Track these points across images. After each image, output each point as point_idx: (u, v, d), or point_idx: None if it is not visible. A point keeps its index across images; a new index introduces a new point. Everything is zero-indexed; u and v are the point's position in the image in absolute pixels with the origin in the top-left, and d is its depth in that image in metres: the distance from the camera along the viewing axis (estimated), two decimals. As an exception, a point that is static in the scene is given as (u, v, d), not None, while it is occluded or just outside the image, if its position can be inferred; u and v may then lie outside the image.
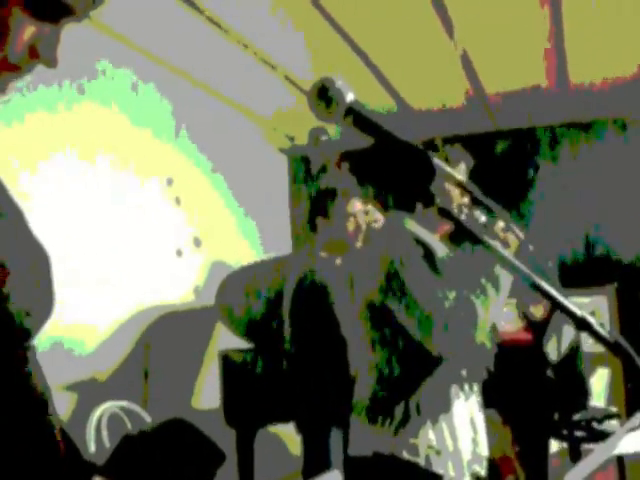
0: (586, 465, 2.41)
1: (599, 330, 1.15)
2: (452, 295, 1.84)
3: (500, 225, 2.03)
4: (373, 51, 4.10)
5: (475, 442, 1.98)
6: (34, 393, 0.86)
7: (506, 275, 1.89)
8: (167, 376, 3.92)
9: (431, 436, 1.89)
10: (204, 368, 4.33)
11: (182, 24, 3.62)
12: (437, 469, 1.87)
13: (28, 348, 0.86)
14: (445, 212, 1.13)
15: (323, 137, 2.71)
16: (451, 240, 2.09)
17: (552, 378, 3.70)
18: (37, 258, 0.89)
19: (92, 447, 3.17)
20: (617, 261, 4.95)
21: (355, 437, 2.02)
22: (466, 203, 2.07)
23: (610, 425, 3.84)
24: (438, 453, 1.88)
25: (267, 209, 5.31)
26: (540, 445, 3.73)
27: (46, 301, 0.87)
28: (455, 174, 1.15)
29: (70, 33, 0.90)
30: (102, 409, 3.31)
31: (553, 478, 3.56)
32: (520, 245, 2.05)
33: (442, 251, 2.02)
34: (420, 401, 1.90)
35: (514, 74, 4.49)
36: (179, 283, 4.27)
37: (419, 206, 2.02)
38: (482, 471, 1.99)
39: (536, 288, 1.17)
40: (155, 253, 4.07)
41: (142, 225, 3.98)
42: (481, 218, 2.05)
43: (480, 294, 1.87)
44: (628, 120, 5.01)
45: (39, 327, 0.86)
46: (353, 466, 2.01)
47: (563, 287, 2.07)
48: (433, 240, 2.02)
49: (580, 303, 4.63)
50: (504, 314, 4.01)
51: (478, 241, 1.09)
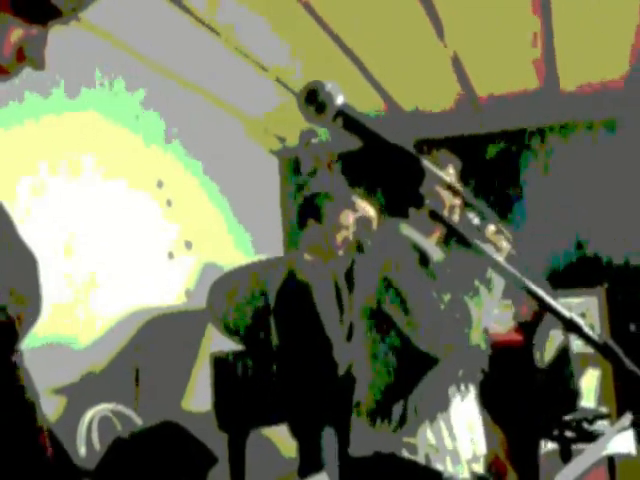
0: (577, 465, 2.42)
1: (588, 332, 1.15)
2: (447, 297, 1.86)
3: (491, 229, 2.04)
4: (364, 53, 4.11)
5: (473, 441, 1.99)
6: (22, 397, 0.85)
7: (499, 276, 1.90)
8: (158, 379, 3.90)
9: (429, 435, 1.91)
10: (195, 370, 4.32)
11: (173, 26, 3.61)
12: (436, 467, 1.89)
13: (16, 352, 0.86)
14: (436, 215, 1.13)
15: (313, 139, 2.70)
16: (444, 242, 2.10)
17: (543, 379, 3.72)
18: (25, 263, 0.88)
19: (82, 450, 3.16)
20: (608, 263, 4.97)
21: (356, 437, 2.03)
22: (458, 205, 2.09)
23: (600, 425, 3.85)
24: (437, 451, 1.90)
25: (258, 211, 5.31)
26: (531, 445, 3.74)
27: (34, 305, 0.87)
28: (445, 176, 1.15)
29: (57, 35, 0.90)
30: (93, 412, 3.29)
31: (544, 478, 3.57)
32: (511, 248, 2.06)
33: (437, 255, 2.03)
34: (418, 401, 1.92)
35: (505, 76, 4.51)
36: (170, 285, 4.26)
37: (413, 211, 2.03)
38: (481, 470, 2.01)
39: (526, 290, 1.18)
40: (146, 255, 4.06)
41: (133, 228, 3.97)
42: (474, 220, 2.06)
43: (474, 296, 1.88)
44: (617, 122, 5.03)
45: (27, 331, 0.85)
46: (354, 466, 2.02)
47: (554, 288, 2.08)
48: (428, 244, 2.04)
49: (571, 304, 4.64)
50: (497, 315, 4.03)
51: (469, 244, 1.09)
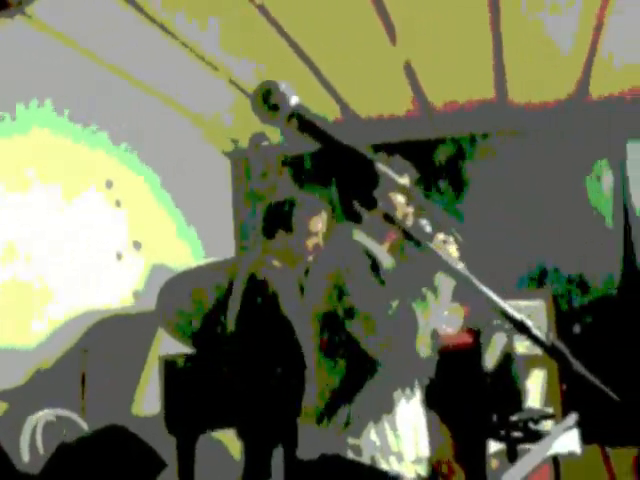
0: (523, 465, 2.47)
1: (536, 333, 1.18)
2: (395, 303, 1.87)
3: (440, 237, 2.08)
4: (318, 57, 4.11)
5: (417, 444, 2.01)
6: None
7: (447, 281, 1.93)
8: (106, 382, 3.83)
9: (374, 437, 1.92)
10: (144, 373, 4.25)
11: (123, 24, 3.55)
12: (381, 467, 1.91)
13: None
14: (389, 217, 1.14)
15: (264, 142, 2.70)
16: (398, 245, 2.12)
17: (489, 380, 3.77)
18: None
19: (26, 457, 3.07)
20: (552, 268, 5.08)
21: (302, 441, 2.04)
22: (410, 212, 2.11)
23: (546, 425, 3.93)
24: (382, 452, 1.92)
25: (209, 212, 5.26)
26: (478, 446, 3.80)
27: None
28: (399, 179, 1.16)
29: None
30: (37, 417, 3.21)
31: (491, 478, 3.63)
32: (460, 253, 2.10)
33: (388, 261, 2.05)
34: (362, 403, 1.93)
35: (457, 84, 4.58)
36: (118, 287, 4.19)
37: (366, 216, 2.04)
38: (423, 472, 2.03)
39: (477, 292, 1.20)
40: (94, 256, 3.98)
41: (81, 228, 3.88)
42: (426, 228, 2.09)
43: (421, 302, 1.91)
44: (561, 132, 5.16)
45: None
46: (300, 469, 2.02)
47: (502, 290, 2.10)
48: (380, 251, 2.05)
49: (519, 306, 4.72)
50: (447, 318, 4.08)
51: (422, 246, 1.10)
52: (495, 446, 3.95)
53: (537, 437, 3.70)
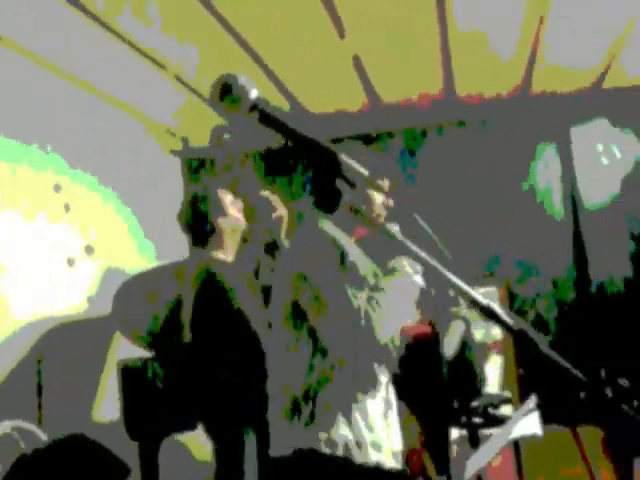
0: (485, 451, 2.50)
1: (504, 318, 1.19)
2: (360, 294, 1.88)
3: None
4: (265, 51, 4.08)
5: (389, 436, 2.01)
6: None
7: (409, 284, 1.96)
8: (63, 390, 3.74)
9: (346, 430, 1.91)
10: (102, 379, 4.17)
11: (68, 24, 3.47)
12: (357, 460, 1.90)
13: None
14: (356, 209, 1.14)
15: (226, 136, 2.67)
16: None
17: (448, 368, 3.82)
18: None
19: (-17, 471, 2.98)
20: (506, 257, 5.17)
21: (274, 437, 2.02)
22: (384, 214, 2.11)
23: (505, 410, 4.00)
24: (357, 445, 1.91)
25: (161, 214, 5.18)
26: (441, 434, 3.84)
27: None
28: (363, 171, 1.16)
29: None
30: (-8, 430, 3.12)
31: (456, 465, 3.68)
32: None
33: (355, 253, 2.04)
34: (329, 396, 1.92)
35: (406, 78, 4.63)
36: (72, 293, 4.09)
37: (339, 207, 2.04)
38: (398, 465, 2.03)
39: (443, 279, 1.21)
40: (45, 262, 3.88)
41: (30, 234, 3.78)
42: (393, 228, 2.10)
43: (383, 294, 1.92)
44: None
45: None
46: (274, 466, 2.00)
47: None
48: (347, 241, 2.04)
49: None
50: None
51: (389, 235, 1.10)
52: (457, 433, 4.01)
53: (497, 422, 3.77)
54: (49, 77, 3.94)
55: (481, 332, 4.45)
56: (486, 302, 1.18)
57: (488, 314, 1.19)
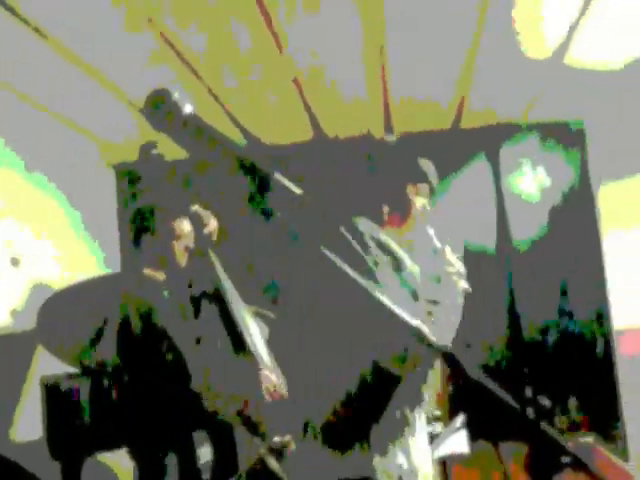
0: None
1: (431, 340, 1.20)
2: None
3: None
4: (212, 78, 4.08)
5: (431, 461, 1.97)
6: None
7: None
8: (-19, 408, 3.60)
9: (401, 460, 1.85)
10: (23, 396, 4.02)
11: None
12: None
13: None
14: (287, 228, 1.13)
15: (153, 151, 2.63)
16: None
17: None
18: None
19: None
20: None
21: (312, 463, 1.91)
22: (422, 219, 2.11)
23: (436, 427, 4.05)
24: (413, 474, 1.85)
25: (93, 226, 5.07)
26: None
27: None
28: (294, 189, 1.15)
29: None
30: None
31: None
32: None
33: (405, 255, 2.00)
34: (381, 422, 1.85)
35: (346, 117, 4.72)
36: (-6, 306, 3.95)
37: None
38: None
39: (372, 299, 1.21)
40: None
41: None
42: (430, 232, 2.10)
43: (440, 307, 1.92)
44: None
45: None
46: None
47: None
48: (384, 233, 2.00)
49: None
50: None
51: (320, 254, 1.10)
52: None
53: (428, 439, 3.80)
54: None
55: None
56: (415, 323, 1.19)
57: (416, 335, 1.20)
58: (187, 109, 1.11)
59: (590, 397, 5.03)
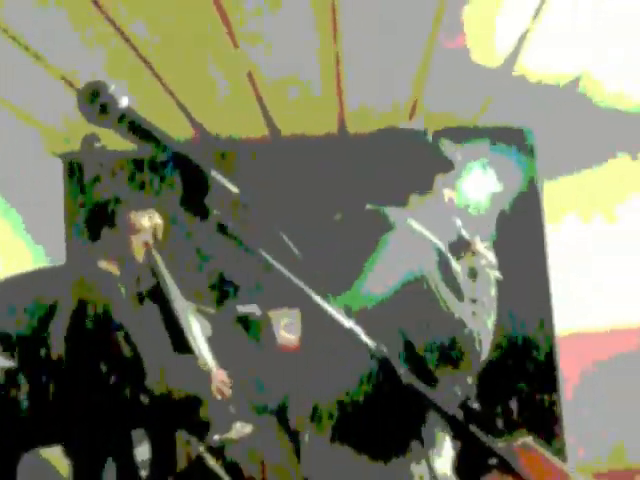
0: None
1: (366, 341, 1.21)
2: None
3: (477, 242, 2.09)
4: (157, 61, 4.01)
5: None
6: None
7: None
8: None
9: (439, 464, 1.81)
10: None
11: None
12: None
13: None
14: (223, 228, 1.12)
15: (96, 144, 2.58)
16: None
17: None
18: None
19: None
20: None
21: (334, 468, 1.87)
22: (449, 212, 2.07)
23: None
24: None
25: (39, 217, 4.95)
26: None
27: None
28: (231, 187, 1.14)
29: None
30: None
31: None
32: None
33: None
34: (423, 429, 1.78)
35: (301, 113, 4.70)
36: None
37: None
38: None
39: (310, 302, 1.21)
40: None
41: None
42: (457, 222, 2.07)
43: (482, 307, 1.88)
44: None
45: None
46: None
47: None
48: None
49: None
50: (288, 324, 4.10)
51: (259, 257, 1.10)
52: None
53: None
54: None
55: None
56: (349, 325, 1.19)
57: (351, 337, 1.21)
58: (123, 103, 1.09)
59: (531, 399, 5.15)
